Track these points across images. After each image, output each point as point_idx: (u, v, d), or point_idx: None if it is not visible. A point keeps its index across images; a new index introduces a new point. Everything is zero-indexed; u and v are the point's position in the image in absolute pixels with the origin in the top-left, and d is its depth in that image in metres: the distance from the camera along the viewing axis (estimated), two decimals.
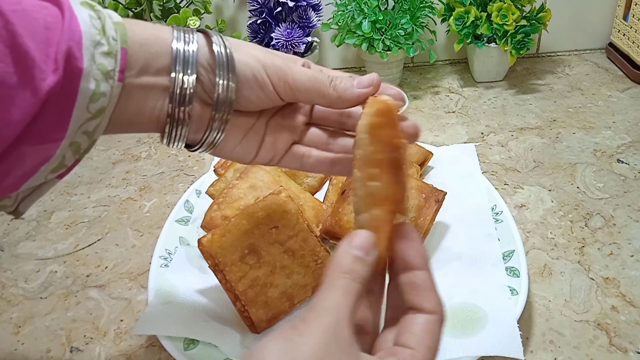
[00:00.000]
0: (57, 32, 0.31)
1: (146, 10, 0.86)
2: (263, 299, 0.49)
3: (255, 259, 0.49)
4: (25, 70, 0.30)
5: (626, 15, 0.94)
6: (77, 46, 0.31)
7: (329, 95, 0.37)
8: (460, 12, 0.87)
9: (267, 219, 0.50)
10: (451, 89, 0.95)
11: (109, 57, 0.33)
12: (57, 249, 0.65)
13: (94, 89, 0.32)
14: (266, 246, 0.49)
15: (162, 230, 0.59)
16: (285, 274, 0.50)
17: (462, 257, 0.55)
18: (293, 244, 0.50)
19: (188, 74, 0.35)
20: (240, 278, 0.48)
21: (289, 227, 0.50)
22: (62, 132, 0.32)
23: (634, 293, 0.53)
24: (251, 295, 0.48)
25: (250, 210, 0.50)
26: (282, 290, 0.49)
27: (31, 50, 0.30)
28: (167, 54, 0.35)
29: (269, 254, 0.49)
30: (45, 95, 0.30)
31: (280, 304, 0.49)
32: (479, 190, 0.62)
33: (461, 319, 0.48)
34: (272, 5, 0.88)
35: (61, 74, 0.30)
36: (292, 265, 0.50)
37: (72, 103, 0.31)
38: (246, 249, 0.48)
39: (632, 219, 0.62)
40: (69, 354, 0.52)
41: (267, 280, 0.49)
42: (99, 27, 0.32)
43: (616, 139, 0.77)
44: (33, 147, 0.31)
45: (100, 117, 0.33)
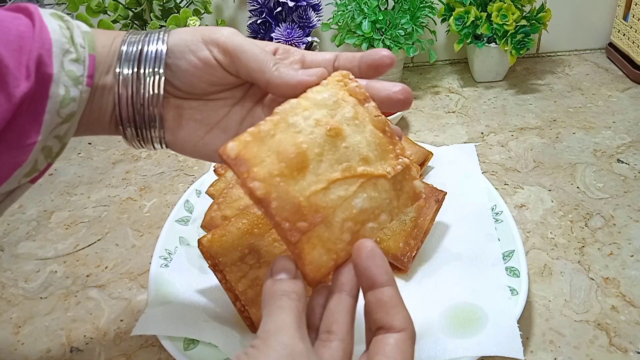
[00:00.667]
0: (28, 40, 0.32)
1: (146, 10, 0.86)
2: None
3: (256, 258, 0.49)
4: (0, 77, 0.31)
5: (626, 15, 0.94)
6: (47, 53, 0.33)
7: (269, 71, 0.35)
8: (460, 12, 0.87)
9: (266, 219, 0.49)
10: (451, 89, 0.95)
11: (77, 64, 0.34)
12: (57, 249, 0.65)
13: (63, 94, 0.33)
14: (266, 246, 0.49)
15: (162, 230, 0.59)
16: None
17: (462, 257, 0.55)
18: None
19: (130, 67, 0.36)
20: (240, 278, 0.48)
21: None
22: (34, 137, 0.33)
23: (634, 293, 0.53)
24: (251, 295, 0.48)
25: (250, 210, 0.50)
26: None
27: (5, 58, 0.31)
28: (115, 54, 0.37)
29: (269, 253, 0.49)
30: (18, 101, 0.31)
31: None
32: (479, 190, 0.62)
33: (461, 319, 0.48)
34: (272, 5, 0.88)
35: (33, 81, 0.32)
36: None
37: (43, 108, 0.33)
38: (246, 248, 0.48)
39: (632, 219, 0.63)
40: (69, 354, 0.52)
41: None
42: (68, 36, 0.34)
43: (616, 139, 0.77)
44: (6, 152, 0.32)
45: (70, 121, 0.35)
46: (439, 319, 0.48)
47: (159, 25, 0.83)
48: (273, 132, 0.32)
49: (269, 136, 0.32)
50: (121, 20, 0.84)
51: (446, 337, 0.46)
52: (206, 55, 0.36)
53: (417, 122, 0.86)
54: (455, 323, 0.47)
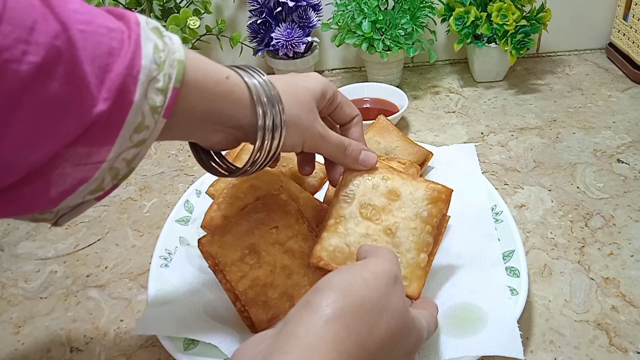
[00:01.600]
0: (118, 59, 0.31)
1: (146, 10, 0.86)
2: (263, 299, 0.48)
3: (256, 259, 0.48)
4: (77, 93, 0.30)
5: (626, 15, 0.94)
6: (133, 80, 0.32)
7: (341, 160, 0.48)
8: (460, 12, 0.87)
9: (267, 219, 0.50)
10: (451, 89, 0.95)
11: (160, 94, 0.33)
12: (57, 249, 0.65)
13: (140, 120, 0.33)
14: (266, 246, 0.49)
15: (162, 230, 0.59)
16: (285, 274, 0.49)
17: (462, 257, 0.55)
18: (293, 244, 0.50)
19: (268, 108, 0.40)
20: (241, 278, 0.48)
21: (289, 228, 0.50)
22: (103, 156, 0.33)
23: (634, 293, 0.53)
24: (251, 296, 0.48)
25: (250, 210, 0.50)
26: (282, 290, 0.49)
27: (87, 76, 0.30)
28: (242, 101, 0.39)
29: (269, 254, 0.49)
30: (91, 120, 0.31)
31: (280, 304, 0.49)
32: (479, 190, 0.62)
33: (461, 319, 0.48)
34: (272, 5, 0.88)
35: (111, 104, 0.31)
36: (292, 266, 0.49)
37: (117, 131, 0.32)
38: (246, 249, 0.48)
39: (632, 219, 0.62)
40: (69, 354, 0.52)
41: (267, 281, 0.48)
42: (160, 61, 0.33)
43: (616, 139, 0.77)
44: (74, 167, 0.32)
45: (140, 147, 0.34)
46: (440, 319, 0.48)
47: None
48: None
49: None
50: None
51: (446, 337, 0.46)
52: (297, 149, 0.45)
53: (417, 122, 0.86)
54: (456, 323, 0.47)
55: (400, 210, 0.49)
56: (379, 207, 0.50)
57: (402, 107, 0.80)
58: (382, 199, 0.50)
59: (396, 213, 0.49)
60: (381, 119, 0.70)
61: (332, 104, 0.48)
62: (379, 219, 0.49)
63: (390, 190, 0.50)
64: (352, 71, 1.04)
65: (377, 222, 0.49)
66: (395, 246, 0.49)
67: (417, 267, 0.49)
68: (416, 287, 0.49)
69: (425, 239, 0.49)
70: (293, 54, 0.90)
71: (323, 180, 0.67)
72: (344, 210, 0.50)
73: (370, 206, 0.50)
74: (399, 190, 0.50)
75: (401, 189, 0.50)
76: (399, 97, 0.83)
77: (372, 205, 0.50)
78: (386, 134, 0.68)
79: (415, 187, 0.50)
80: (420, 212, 0.49)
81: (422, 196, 0.49)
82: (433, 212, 0.49)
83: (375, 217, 0.50)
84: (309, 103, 0.43)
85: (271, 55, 0.93)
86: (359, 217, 0.49)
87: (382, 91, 0.86)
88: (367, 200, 0.50)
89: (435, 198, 0.49)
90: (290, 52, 0.89)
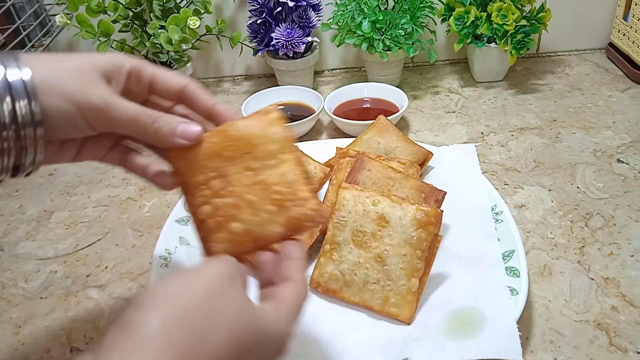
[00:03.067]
0: None
1: (146, 10, 0.86)
2: (224, 233, 0.40)
3: (222, 185, 0.40)
4: None
5: (626, 15, 0.94)
6: None
7: (150, 136, 0.39)
8: (460, 12, 0.87)
9: (242, 141, 0.41)
10: (451, 89, 0.95)
11: None
12: (57, 249, 0.65)
13: None
14: (236, 173, 0.40)
15: (162, 230, 0.59)
16: (252, 210, 0.40)
17: (462, 257, 0.55)
18: (268, 176, 0.40)
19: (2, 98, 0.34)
20: (203, 203, 0.41)
21: (268, 155, 0.40)
22: None
23: (634, 293, 0.53)
24: (212, 225, 0.40)
25: (226, 128, 0.41)
26: (247, 228, 0.40)
27: None
28: None
29: (238, 182, 0.40)
30: None
31: (243, 241, 0.40)
32: (479, 190, 0.62)
33: (461, 322, 0.48)
34: (272, 5, 0.88)
35: None
36: (261, 201, 0.40)
37: None
38: (213, 171, 0.41)
39: (632, 219, 0.62)
40: (69, 354, 0.52)
41: (231, 213, 0.40)
42: None
43: (616, 139, 0.77)
44: None
45: None
46: (439, 321, 0.48)
47: (159, 25, 0.83)
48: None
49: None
50: (121, 20, 0.84)
51: (445, 340, 0.46)
52: (86, 128, 0.37)
53: (417, 122, 0.86)
54: (455, 326, 0.47)
55: (389, 237, 0.51)
56: (369, 234, 0.51)
57: (402, 107, 0.80)
58: (372, 225, 0.51)
59: (386, 240, 0.51)
60: (381, 119, 0.70)
61: (141, 78, 0.40)
62: (370, 246, 0.51)
63: (380, 216, 0.51)
64: (352, 71, 1.04)
65: (368, 249, 0.51)
66: (386, 273, 0.51)
67: (409, 293, 0.50)
68: (408, 312, 0.50)
69: (415, 265, 0.50)
70: (293, 54, 0.90)
71: (323, 181, 0.67)
72: (337, 237, 0.52)
73: (361, 233, 0.51)
74: (388, 216, 0.51)
75: (390, 214, 0.51)
76: (399, 97, 0.83)
77: (362, 232, 0.51)
78: (386, 134, 0.68)
79: (404, 212, 0.51)
80: (409, 238, 0.50)
81: (410, 221, 0.50)
82: (422, 236, 0.50)
83: (367, 244, 0.51)
84: (84, 70, 0.36)
85: (271, 55, 0.93)
86: (351, 245, 0.52)
87: (382, 91, 0.86)
88: (359, 226, 0.52)
89: (425, 222, 0.50)
90: (290, 52, 0.89)
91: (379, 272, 0.50)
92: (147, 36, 0.85)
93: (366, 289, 0.51)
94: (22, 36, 0.82)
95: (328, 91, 0.87)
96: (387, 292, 0.50)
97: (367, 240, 0.51)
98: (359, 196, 0.52)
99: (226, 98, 0.98)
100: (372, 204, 0.52)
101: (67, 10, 0.82)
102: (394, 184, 0.58)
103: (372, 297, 0.51)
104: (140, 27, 0.85)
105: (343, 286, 0.52)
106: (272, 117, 0.41)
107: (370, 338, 0.49)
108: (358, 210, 0.52)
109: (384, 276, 0.50)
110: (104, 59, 0.38)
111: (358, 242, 0.52)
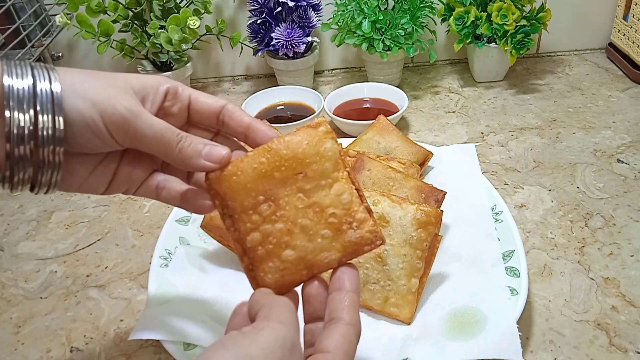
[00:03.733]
0: None
1: (146, 10, 0.86)
2: (276, 262, 0.38)
3: (272, 210, 0.37)
4: None
5: (626, 15, 0.94)
6: None
7: (173, 156, 0.36)
8: (460, 12, 0.87)
9: (293, 160, 0.37)
10: (451, 89, 0.95)
11: None
12: (57, 249, 0.65)
13: None
14: (287, 196, 0.37)
15: (162, 230, 0.59)
16: (306, 236, 0.37)
17: (462, 257, 0.55)
18: (323, 198, 0.38)
19: (24, 111, 0.32)
20: (251, 231, 0.37)
21: (322, 174, 0.38)
22: None
23: (634, 293, 0.53)
24: (261, 254, 0.38)
25: (275, 146, 0.37)
26: (301, 254, 0.37)
27: None
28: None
29: (290, 205, 0.37)
30: None
31: (295, 269, 0.38)
32: (479, 190, 0.62)
33: (461, 322, 0.48)
34: (272, 5, 0.88)
35: None
36: (315, 226, 0.37)
37: None
38: (262, 195, 0.37)
39: (632, 219, 0.62)
40: (69, 354, 0.52)
41: (283, 240, 0.37)
42: None
43: (616, 139, 0.77)
44: None
45: None
46: (439, 322, 0.48)
47: (159, 25, 0.83)
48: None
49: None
50: (121, 20, 0.84)
51: (445, 340, 0.46)
52: (108, 139, 0.35)
53: (417, 122, 0.86)
54: (455, 326, 0.47)
55: (389, 237, 0.51)
56: None
57: (402, 107, 0.80)
58: None
59: (386, 240, 0.50)
60: (381, 119, 0.70)
61: (178, 98, 0.39)
62: None
63: (380, 216, 0.51)
64: (352, 71, 1.04)
65: None
66: (386, 274, 0.50)
67: (409, 293, 0.50)
68: (408, 312, 0.50)
69: (415, 265, 0.50)
70: (293, 54, 0.90)
71: None
72: None
73: None
74: (388, 216, 0.51)
75: (390, 214, 0.51)
76: (399, 97, 0.83)
77: None
78: (386, 134, 0.68)
79: (405, 212, 0.51)
80: (410, 238, 0.50)
81: (410, 221, 0.50)
82: (422, 236, 0.50)
83: None
84: (116, 83, 0.35)
85: (271, 55, 0.93)
86: None
87: (382, 91, 0.86)
88: None
89: (425, 222, 0.50)
90: (290, 52, 0.89)
91: (379, 272, 0.50)
92: (147, 36, 0.85)
93: (366, 289, 0.51)
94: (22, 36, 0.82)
95: (328, 91, 0.87)
96: (387, 292, 0.50)
97: None
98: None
99: (226, 98, 0.98)
100: (372, 204, 0.52)
101: (67, 10, 0.82)
102: (394, 184, 0.58)
103: (372, 297, 0.51)
104: (140, 27, 0.85)
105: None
106: (323, 131, 0.38)
107: (370, 338, 0.49)
108: None
109: (384, 276, 0.50)
110: (140, 78, 0.37)
111: None
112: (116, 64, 1.01)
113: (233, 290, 0.53)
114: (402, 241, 0.50)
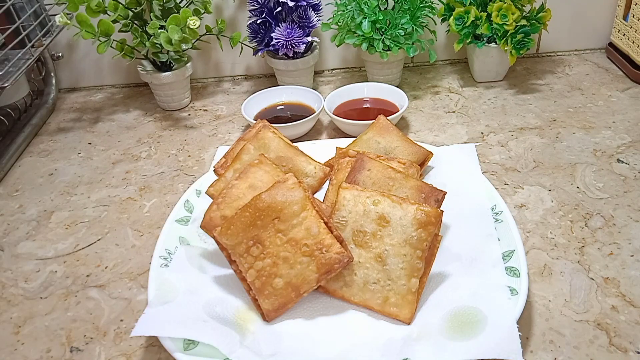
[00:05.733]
0: None
1: (146, 10, 0.86)
2: (269, 289, 0.50)
3: (260, 250, 0.50)
4: None
5: (626, 15, 0.94)
6: None
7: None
8: (460, 12, 0.87)
9: (268, 210, 0.50)
10: (451, 89, 0.95)
11: None
12: (57, 249, 0.65)
13: None
14: (269, 237, 0.50)
15: (162, 230, 0.59)
16: (288, 265, 0.50)
17: (462, 257, 0.55)
18: (296, 233, 0.50)
19: None
20: (248, 269, 0.50)
21: (293, 216, 0.50)
22: None
23: (634, 293, 0.53)
24: (258, 286, 0.50)
25: (254, 202, 0.51)
26: (287, 280, 0.50)
27: None
28: None
29: (272, 244, 0.50)
30: None
31: (286, 293, 0.50)
32: (479, 190, 0.62)
33: (461, 322, 0.47)
34: (272, 5, 0.88)
35: None
36: (293, 257, 0.50)
37: None
38: (251, 240, 0.50)
39: (632, 219, 0.63)
40: (69, 354, 0.52)
41: (271, 271, 0.50)
42: None
43: (616, 139, 0.77)
44: None
45: None
46: (439, 321, 0.48)
47: (159, 25, 0.83)
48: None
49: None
50: (121, 20, 0.84)
51: (445, 340, 0.46)
52: None
53: (417, 122, 0.86)
54: (455, 326, 0.47)
55: (389, 237, 0.51)
56: (369, 234, 0.52)
57: (402, 107, 0.80)
58: (372, 225, 0.52)
59: (386, 240, 0.51)
60: (381, 119, 0.70)
61: None
62: (370, 245, 0.52)
63: (380, 216, 0.52)
64: (352, 71, 1.04)
65: (369, 249, 0.52)
66: (386, 273, 0.51)
67: (409, 293, 0.50)
68: (408, 312, 0.50)
69: (415, 264, 0.51)
70: (293, 54, 0.90)
71: (323, 180, 0.67)
72: None
73: (362, 233, 0.52)
74: (388, 216, 0.52)
75: (391, 214, 0.52)
76: (399, 97, 0.83)
77: (363, 231, 0.52)
78: (386, 134, 0.68)
79: (405, 212, 0.51)
80: (410, 238, 0.51)
81: (411, 221, 0.51)
82: (422, 236, 0.50)
83: (367, 244, 0.52)
84: None
85: (271, 55, 0.93)
86: (351, 245, 0.52)
87: (382, 91, 0.86)
88: (359, 226, 0.52)
89: (425, 222, 0.51)
90: (290, 52, 0.89)
91: (379, 272, 0.51)
92: (147, 36, 0.85)
93: (366, 289, 0.51)
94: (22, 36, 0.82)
95: (328, 91, 0.87)
96: (387, 292, 0.50)
97: (368, 240, 0.51)
98: (359, 196, 0.52)
99: (226, 98, 0.98)
100: (372, 204, 0.52)
101: (67, 10, 0.82)
102: (394, 184, 0.58)
103: (372, 296, 0.51)
104: (140, 27, 0.85)
105: (343, 286, 0.52)
106: (290, 184, 0.51)
107: (370, 338, 0.49)
108: (358, 210, 0.52)
109: (384, 276, 0.50)
110: None
111: (358, 242, 0.52)
112: (116, 64, 1.01)
113: (233, 290, 0.53)
114: (402, 241, 0.50)
